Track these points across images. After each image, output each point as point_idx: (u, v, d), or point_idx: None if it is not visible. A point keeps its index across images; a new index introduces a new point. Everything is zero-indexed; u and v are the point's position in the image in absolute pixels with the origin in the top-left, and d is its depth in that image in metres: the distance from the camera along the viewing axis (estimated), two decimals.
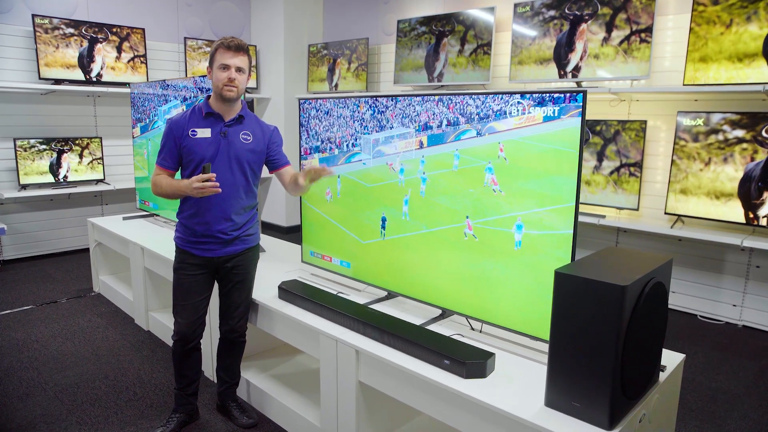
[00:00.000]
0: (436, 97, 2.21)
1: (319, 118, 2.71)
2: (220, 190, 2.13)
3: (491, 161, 2.02)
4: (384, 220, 2.46)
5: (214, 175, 2.11)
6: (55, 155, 5.06)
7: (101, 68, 5.25)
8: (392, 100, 2.36)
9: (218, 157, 2.26)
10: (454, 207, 2.17)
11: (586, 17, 4.00)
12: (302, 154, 2.83)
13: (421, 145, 2.28)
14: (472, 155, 2.09)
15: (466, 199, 2.12)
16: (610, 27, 3.90)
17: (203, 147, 2.25)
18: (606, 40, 3.92)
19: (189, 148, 2.25)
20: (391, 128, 2.40)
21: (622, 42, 3.85)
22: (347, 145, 2.60)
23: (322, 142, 2.71)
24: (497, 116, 2.00)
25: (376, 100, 2.43)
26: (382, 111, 2.42)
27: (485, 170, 2.06)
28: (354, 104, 2.54)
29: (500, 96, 1.99)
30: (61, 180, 5.15)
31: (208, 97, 2.33)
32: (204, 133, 2.26)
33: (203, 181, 2.08)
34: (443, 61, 5.02)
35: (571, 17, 4.07)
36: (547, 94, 1.84)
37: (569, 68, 4.14)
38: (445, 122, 2.20)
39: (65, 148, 5.10)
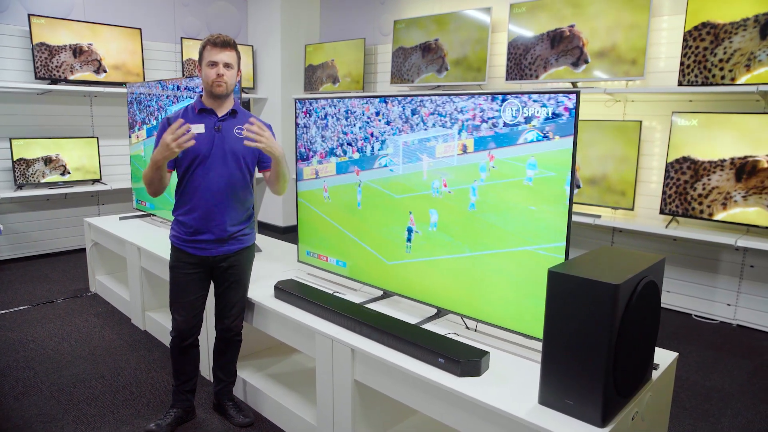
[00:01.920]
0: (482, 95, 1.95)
1: (315, 116, 2.71)
2: (194, 141, 2.11)
3: (569, 171, 1.74)
4: (410, 231, 2.27)
5: (187, 124, 2.08)
6: (51, 155, 5.06)
7: (97, 68, 5.25)
8: (396, 100, 2.36)
9: (213, 152, 2.27)
10: (511, 229, 1.89)
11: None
12: (304, 155, 2.83)
13: (465, 150, 1.99)
14: (544, 166, 1.79)
15: (524, 216, 1.87)
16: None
17: (198, 142, 2.25)
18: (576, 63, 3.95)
19: None
20: (425, 129, 2.10)
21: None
22: (367, 148, 2.42)
23: (324, 140, 2.71)
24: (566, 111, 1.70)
25: (370, 100, 2.43)
26: (416, 110, 2.15)
27: (565, 185, 1.75)
28: (380, 101, 2.36)
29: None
30: (58, 180, 5.14)
31: (200, 95, 2.35)
32: (198, 128, 2.27)
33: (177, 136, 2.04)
34: (439, 61, 5.03)
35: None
36: (546, 95, 1.82)
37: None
38: (502, 123, 1.87)
39: (60, 151, 5.10)
